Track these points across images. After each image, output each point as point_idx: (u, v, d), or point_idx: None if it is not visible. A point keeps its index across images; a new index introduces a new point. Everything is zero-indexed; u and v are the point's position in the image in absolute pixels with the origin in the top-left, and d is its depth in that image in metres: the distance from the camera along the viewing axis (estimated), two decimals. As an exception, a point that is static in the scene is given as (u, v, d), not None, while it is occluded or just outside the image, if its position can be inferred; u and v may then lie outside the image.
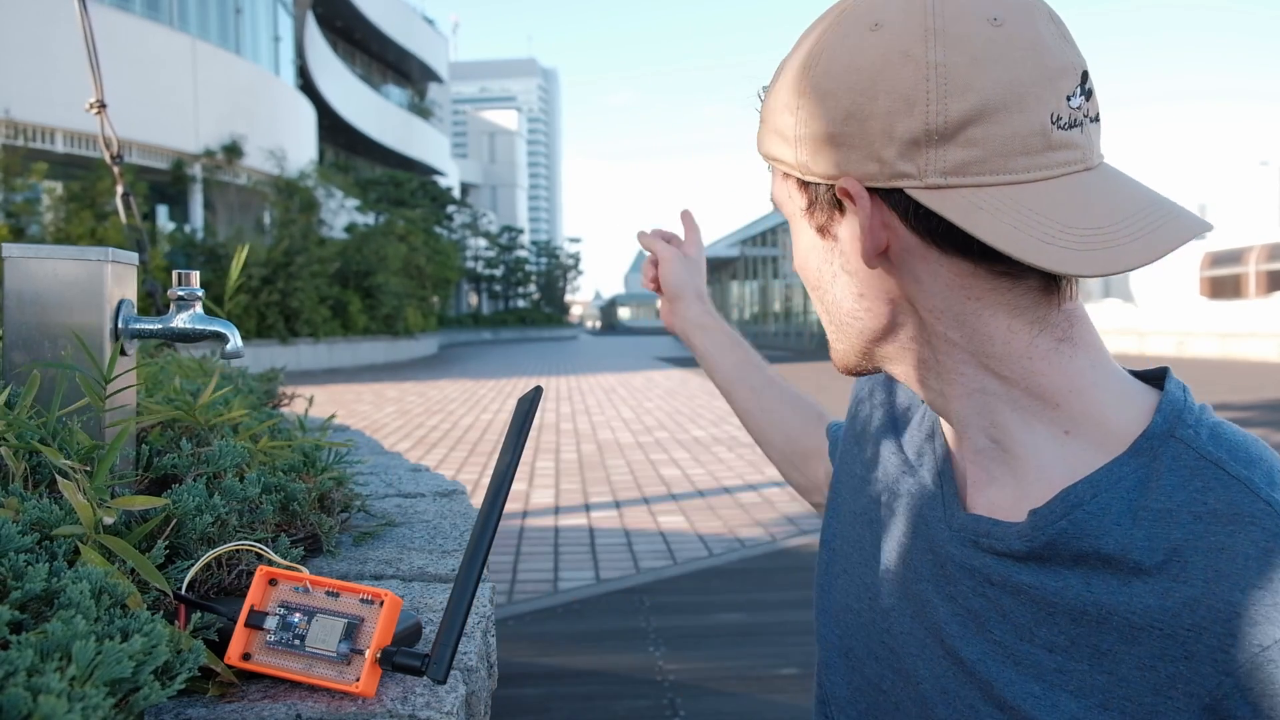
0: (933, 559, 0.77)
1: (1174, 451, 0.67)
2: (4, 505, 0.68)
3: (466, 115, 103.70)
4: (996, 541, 0.72)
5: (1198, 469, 0.66)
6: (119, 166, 2.25)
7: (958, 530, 0.76)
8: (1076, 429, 0.72)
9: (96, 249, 0.88)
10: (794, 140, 0.72)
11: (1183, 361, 19.39)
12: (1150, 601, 0.64)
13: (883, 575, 0.83)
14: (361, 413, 11.13)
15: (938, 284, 0.71)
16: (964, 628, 0.73)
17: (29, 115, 16.19)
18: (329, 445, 1.15)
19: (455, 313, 47.01)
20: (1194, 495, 0.65)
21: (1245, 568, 0.61)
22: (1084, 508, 0.68)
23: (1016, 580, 0.71)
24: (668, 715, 2.86)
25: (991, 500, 0.75)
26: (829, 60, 0.70)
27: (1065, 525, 0.68)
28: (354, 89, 35.49)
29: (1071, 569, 0.68)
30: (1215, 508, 0.64)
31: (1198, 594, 0.62)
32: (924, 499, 0.81)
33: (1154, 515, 0.65)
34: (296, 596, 0.62)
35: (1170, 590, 0.63)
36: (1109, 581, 0.66)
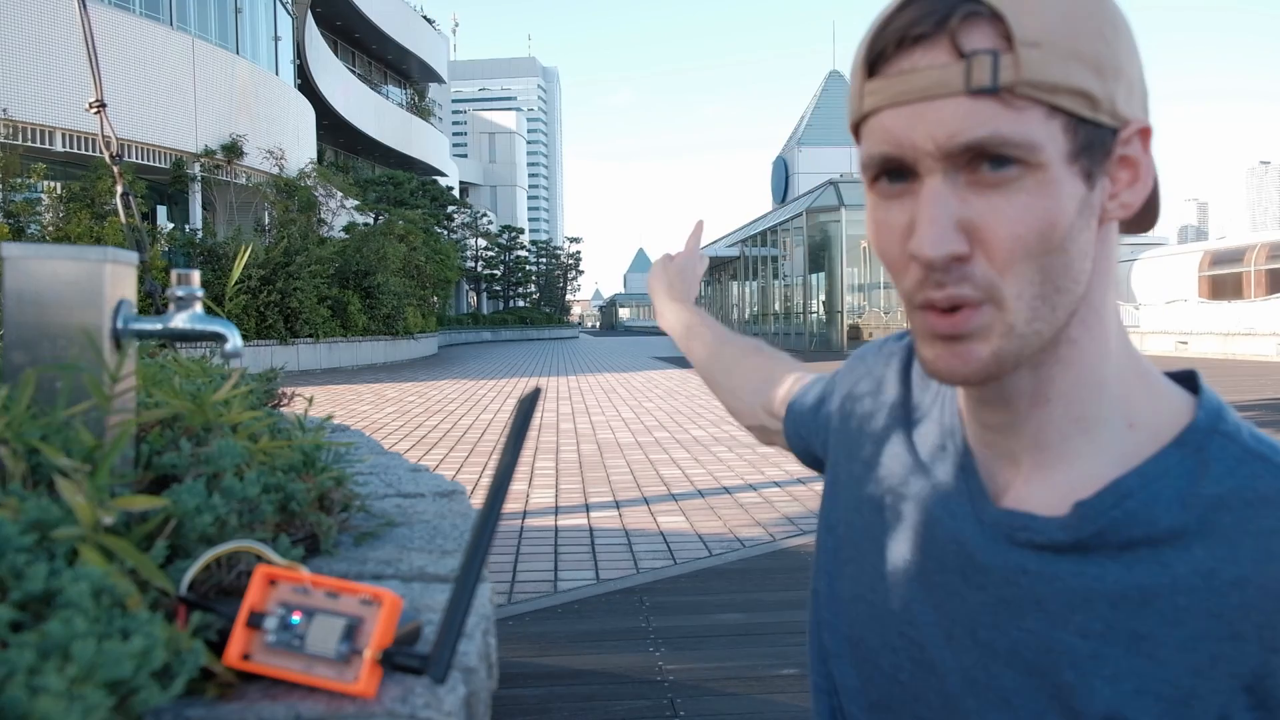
0: (958, 550, 0.76)
1: (1220, 444, 0.68)
2: (3, 505, 0.68)
3: (466, 115, 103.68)
4: (1036, 535, 0.72)
5: (1244, 459, 0.67)
6: (118, 166, 2.24)
7: (990, 525, 0.74)
8: (1140, 422, 0.72)
9: (96, 249, 0.87)
10: (1110, 72, 0.64)
11: (1183, 361, 19.39)
12: (1196, 581, 0.65)
13: (900, 567, 0.81)
14: (361, 413, 11.13)
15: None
16: (996, 617, 0.73)
17: (29, 115, 16.18)
18: (328, 445, 1.15)
19: (455, 313, 46.99)
20: (1244, 482, 0.66)
21: None
22: (1134, 498, 0.68)
23: (1054, 570, 0.70)
24: (668, 715, 2.86)
25: (1022, 496, 0.74)
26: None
27: (1117, 515, 0.68)
28: (354, 89, 35.48)
29: (1115, 557, 0.68)
30: (1266, 494, 0.65)
31: (1247, 573, 0.64)
32: (945, 495, 0.79)
33: (1205, 501, 0.66)
34: (296, 597, 0.62)
35: (1217, 570, 0.64)
36: (1152, 565, 0.67)
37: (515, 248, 60.93)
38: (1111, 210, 0.68)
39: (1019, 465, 0.75)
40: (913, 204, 0.66)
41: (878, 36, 0.66)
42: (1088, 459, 0.72)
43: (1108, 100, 0.64)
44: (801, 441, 1.05)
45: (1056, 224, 0.64)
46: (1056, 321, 0.67)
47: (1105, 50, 0.64)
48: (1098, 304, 0.71)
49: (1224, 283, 25.00)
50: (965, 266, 0.65)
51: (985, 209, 0.63)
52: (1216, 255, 25.75)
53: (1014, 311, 0.65)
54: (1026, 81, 0.61)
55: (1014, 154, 0.62)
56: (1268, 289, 22.77)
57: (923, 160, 0.64)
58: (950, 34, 0.62)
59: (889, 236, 0.69)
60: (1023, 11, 0.61)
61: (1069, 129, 0.63)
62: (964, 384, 0.71)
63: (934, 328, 0.68)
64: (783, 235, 33.39)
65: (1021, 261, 0.64)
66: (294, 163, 22.71)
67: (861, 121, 0.69)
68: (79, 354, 0.86)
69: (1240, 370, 16.54)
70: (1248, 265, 24.11)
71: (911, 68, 0.64)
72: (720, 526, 5.31)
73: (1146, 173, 0.69)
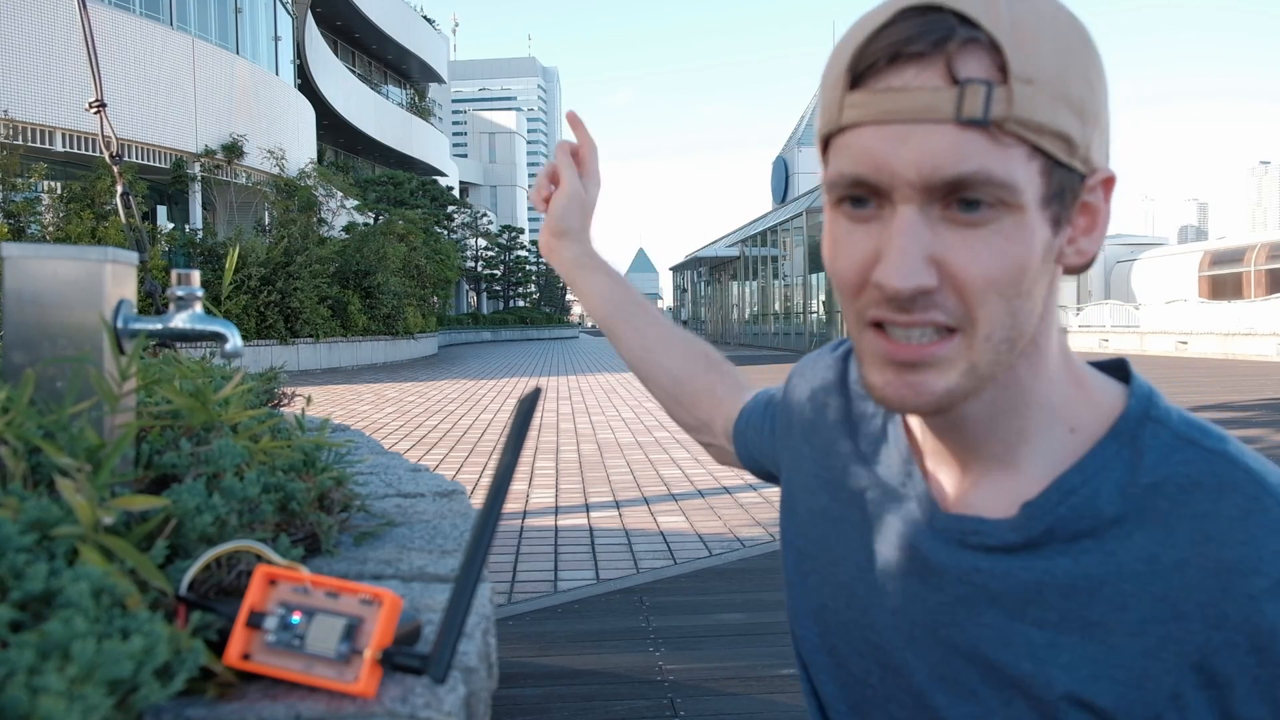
0: (913, 555, 0.77)
1: (1152, 432, 0.70)
2: (3, 505, 0.68)
3: (466, 115, 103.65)
4: (987, 537, 0.73)
5: (1176, 445, 0.69)
6: (118, 166, 2.24)
7: (940, 530, 0.76)
8: (1079, 425, 0.73)
9: (96, 249, 0.87)
10: (1091, 117, 0.63)
11: (1183, 361, 19.39)
12: (1140, 567, 0.67)
13: (858, 575, 0.82)
14: (361, 413, 11.13)
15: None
16: (954, 615, 0.75)
17: (29, 115, 16.18)
18: (328, 445, 1.15)
19: (455, 313, 46.97)
20: (1177, 468, 0.68)
21: (1231, 528, 0.65)
22: (1078, 493, 0.70)
23: (1006, 567, 0.72)
24: (668, 715, 2.85)
25: (970, 501, 0.76)
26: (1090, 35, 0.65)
27: (1063, 511, 0.70)
28: (354, 89, 35.48)
29: (1063, 550, 0.70)
30: (1198, 479, 0.67)
31: (1186, 556, 0.65)
32: (895, 503, 0.80)
33: (1142, 490, 0.68)
34: (296, 596, 0.62)
35: (1159, 555, 0.66)
36: (1098, 554, 0.68)
37: (515, 248, 60.89)
38: (1068, 256, 0.68)
39: (966, 471, 0.76)
40: (880, 231, 0.64)
41: (866, 47, 0.63)
42: (1030, 464, 0.73)
43: (1084, 146, 0.63)
44: (755, 461, 1.05)
45: (1027, 268, 0.63)
46: (1011, 360, 0.67)
47: (1089, 95, 0.63)
48: (1041, 341, 0.71)
49: (1224, 283, 24.99)
50: (932, 297, 0.63)
51: (958, 245, 0.62)
52: (1216, 255, 25.74)
53: (981, 351, 0.65)
54: (1016, 118, 0.60)
55: (995, 194, 0.61)
56: (1268, 289, 22.77)
57: (900, 188, 0.62)
58: (947, 57, 0.60)
59: (849, 259, 0.67)
60: (1020, 45, 0.60)
61: (1046, 172, 0.62)
62: (913, 413, 0.70)
63: (891, 354, 0.66)
64: (783, 235, 33.40)
65: (992, 303, 0.63)
66: (294, 163, 22.70)
67: (835, 134, 0.66)
68: (87, 352, 0.86)
69: (1240, 370, 16.54)
70: (1248, 265, 24.10)
71: (902, 86, 0.61)
72: (720, 526, 5.31)
73: (1104, 221, 0.69)
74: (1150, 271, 28.33)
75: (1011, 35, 0.60)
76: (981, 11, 0.60)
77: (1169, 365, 18.06)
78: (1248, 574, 0.63)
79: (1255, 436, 8.06)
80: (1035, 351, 0.72)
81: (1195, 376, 15.13)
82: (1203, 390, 12.78)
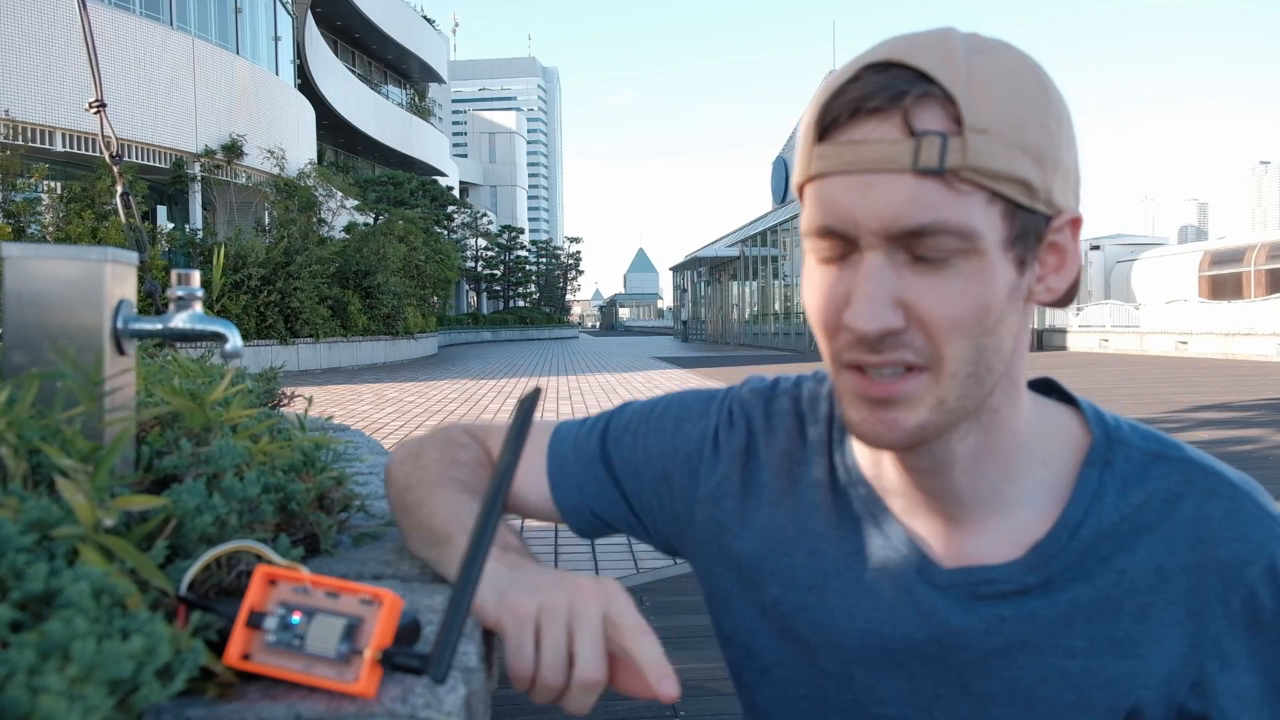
0: (924, 620, 0.77)
1: (1123, 454, 0.76)
2: (3, 505, 0.68)
3: (466, 115, 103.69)
4: (1002, 584, 0.75)
5: (1148, 462, 0.75)
6: (118, 166, 2.24)
7: (946, 588, 0.76)
8: (1049, 458, 0.77)
9: (96, 249, 0.87)
10: (1050, 162, 0.66)
11: (1183, 361, 19.39)
12: (1150, 579, 0.72)
13: (852, 654, 0.80)
14: (361, 413, 11.13)
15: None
16: (986, 668, 0.76)
17: (29, 115, 16.18)
18: (329, 445, 1.15)
19: (455, 313, 46.97)
20: (1157, 483, 0.74)
21: (1220, 530, 0.72)
22: (1086, 525, 0.74)
23: (1031, 609, 0.74)
24: (668, 715, 2.86)
25: (967, 553, 0.77)
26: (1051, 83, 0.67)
27: (1076, 545, 0.74)
28: (354, 89, 35.47)
29: (1079, 579, 0.74)
30: (1179, 490, 0.74)
31: (1188, 561, 0.72)
32: (884, 572, 0.78)
33: (1133, 508, 0.74)
34: (296, 597, 0.62)
35: (1165, 564, 0.72)
36: (1111, 575, 0.73)
37: (515, 248, 60.92)
38: (1038, 293, 0.71)
39: (956, 522, 0.77)
40: (850, 274, 0.67)
41: (831, 103, 0.66)
42: (1020, 503, 0.76)
43: (1045, 190, 0.66)
44: (599, 517, 0.93)
45: (990, 308, 0.66)
46: (982, 396, 0.70)
47: (1047, 141, 0.65)
48: (1016, 376, 0.74)
49: (1224, 283, 25.00)
50: (901, 337, 0.66)
51: (923, 288, 0.65)
52: (1216, 255, 25.75)
53: (948, 387, 0.67)
54: (971, 167, 0.62)
55: (953, 242, 0.63)
56: (1268, 289, 22.77)
57: (865, 236, 0.65)
58: (903, 111, 0.63)
59: (824, 300, 0.69)
60: (975, 97, 0.62)
61: (1007, 215, 0.65)
62: (889, 449, 0.72)
63: (865, 391, 0.69)
64: (782, 235, 33.38)
65: (958, 340, 0.66)
66: (294, 163, 22.69)
67: (806, 183, 0.69)
68: (72, 357, 0.86)
69: (1240, 370, 16.55)
70: (1248, 265, 24.11)
71: (862, 139, 0.64)
72: (720, 526, 5.31)
73: (1073, 260, 0.71)
74: (1150, 271, 28.33)
75: (966, 88, 0.62)
76: (938, 66, 0.62)
77: (1169, 365, 18.07)
78: (1243, 566, 0.71)
79: (1255, 436, 8.07)
80: (1014, 389, 0.74)
81: (1195, 376, 15.13)
82: (1203, 390, 12.78)
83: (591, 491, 0.92)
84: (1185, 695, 0.73)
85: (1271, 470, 6.50)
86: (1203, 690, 0.72)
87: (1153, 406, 10.53)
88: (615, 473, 0.92)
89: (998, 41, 0.67)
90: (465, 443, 0.97)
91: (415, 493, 0.90)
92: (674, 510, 0.90)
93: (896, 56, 0.64)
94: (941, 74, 0.62)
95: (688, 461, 0.89)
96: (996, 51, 0.65)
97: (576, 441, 0.94)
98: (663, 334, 56.32)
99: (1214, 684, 0.72)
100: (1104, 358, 20.92)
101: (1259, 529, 0.72)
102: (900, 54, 0.64)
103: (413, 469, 0.93)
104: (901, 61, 0.63)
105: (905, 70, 0.63)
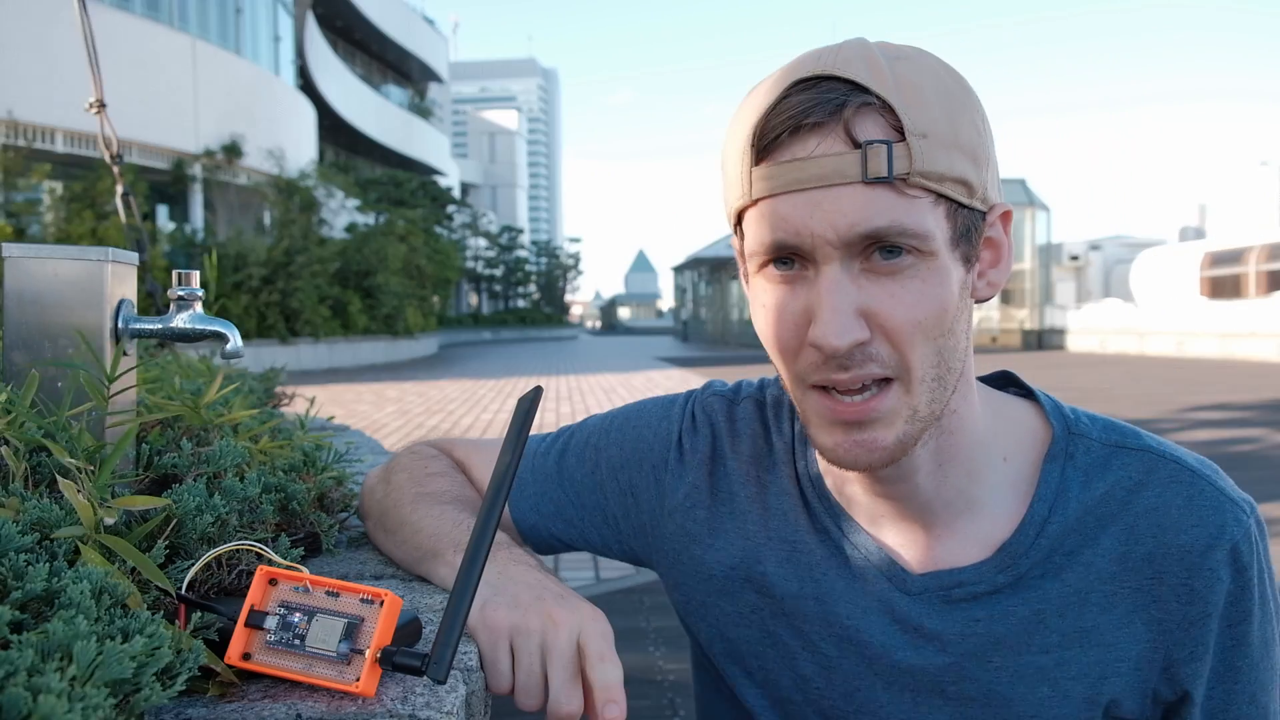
0: (896, 627, 0.78)
1: (1083, 447, 0.77)
2: (4, 505, 0.68)
3: (466, 115, 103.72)
4: (973, 586, 0.76)
5: (1108, 455, 0.76)
6: (119, 166, 2.24)
7: (919, 594, 0.77)
8: (1009, 453, 0.78)
9: (97, 249, 0.88)
10: (983, 159, 0.67)
11: (1183, 361, 19.39)
12: (1114, 568, 0.74)
13: (831, 664, 0.80)
14: (361, 413, 11.13)
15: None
16: (962, 671, 0.77)
17: (29, 115, 16.18)
18: (329, 444, 1.15)
19: (455, 313, 46.99)
20: (1120, 475, 0.75)
21: (1181, 516, 0.73)
22: (1051, 522, 0.75)
23: (1003, 609, 0.75)
24: (668, 715, 2.86)
25: (938, 556, 0.77)
26: (967, 81, 0.69)
27: (1044, 543, 0.75)
28: (354, 89, 35.47)
29: (1048, 575, 0.75)
30: (1140, 479, 0.75)
31: (1151, 549, 0.73)
32: (857, 581, 0.79)
33: (1096, 499, 0.75)
34: (296, 596, 0.62)
35: (1128, 553, 0.74)
36: (1078, 569, 0.74)
37: (515, 248, 60.92)
38: (980, 289, 0.72)
39: (924, 527, 0.77)
40: (807, 291, 0.67)
41: (766, 122, 0.65)
42: (986, 502, 0.77)
43: (981, 187, 0.67)
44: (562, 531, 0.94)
45: (947, 308, 0.67)
46: (946, 399, 0.70)
47: (978, 139, 0.67)
48: (970, 374, 0.75)
49: (1224, 283, 24.99)
50: (867, 349, 0.66)
51: (882, 295, 0.65)
52: (1216, 255, 25.74)
53: (919, 394, 0.68)
54: (918, 171, 0.63)
55: (909, 243, 0.64)
56: (1267, 289, 22.77)
57: (821, 248, 0.65)
58: (845, 123, 0.63)
59: (783, 322, 0.69)
60: (910, 104, 0.63)
61: (950, 215, 0.66)
62: (868, 470, 0.71)
63: (837, 414, 0.68)
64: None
65: (921, 345, 0.66)
66: (294, 163, 22.69)
67: (747, 208, 0.69)
68: (82, 354, 0.86)
69: (1240, 370, 16.55)
70: (1247, 265, 24.10)
71: (807, 155, 0.64)
72: (720, 527, 5.31)
73: (1008, 253, 0.73)
74: (1150, 272, 28.32)
75: (900, 95, 0.63)
76: (868, 76, 0.63)
77: (1169, 365, 18.06)
78: (1205, 551, 0.72)
79: (1255, 436, 8.07)
80: (968, 388, 0.75)
81: (1195, 376, 15.13)
82: (1203, 390, 12.78)
83: (548, 511, 0.93)
84: (1158, 681, 0.74)
85: (1272, 470, 6.50)
86: (1173, 675, 0.74)
87: (1152, 407, 10.52)
88: (575, 490, 0.92)
89: (909, 47, 0.68)
90: (432, 455, 0.98)
91: (394, 515, 0.90)
92: (641, 522, 0.90)
93: (824, 70, 0.64)
94: (874, 83, 0.63)
95: (653, 472, 0.89)
96: (913, 57, 0.66)
97: (534, 461, 0.94)
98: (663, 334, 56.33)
99: (1183, 670, 0.73)
100: (1103, 358, 20.91)
101: (1219, 513, 0.73)
102: (827, 67, 0.64)
103: (385, 493, 0.94)
104: (831, 74, 0.64)
105: (837, 82, 0.64)
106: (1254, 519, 0.74)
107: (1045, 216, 27.27)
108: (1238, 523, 0.73)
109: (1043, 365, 17.79)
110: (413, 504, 0.88)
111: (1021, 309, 27.70)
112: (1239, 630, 0.73)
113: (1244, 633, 0.73)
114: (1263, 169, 34.22)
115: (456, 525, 0.83)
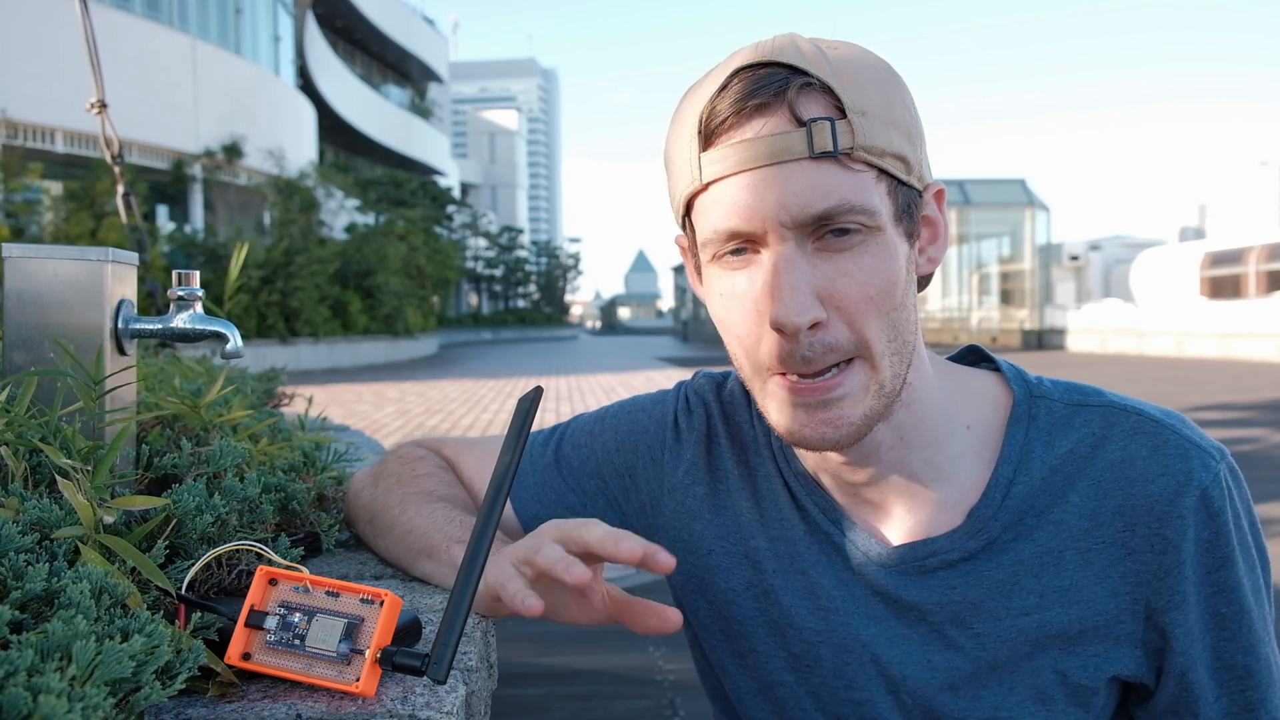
0: (879, 600, 0.79)
1: (1045, 408, 0.78)
2: (4, 505, 0.68)
3: (466, 115, 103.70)
4: (945, 554, 0.77)
5: (1070, 414, 0.77)
6: (119, 166, 2.24)
7: (894, 566, 0.78)
8: (973, 421, 0.79)
9: (96, 249, 0.88)
10: (917, 138, 0.71)
11: (1183, 361, 19.39)
12: (1086, 524, 0.74)
13: (819, 640, 0.81)
14: (361, 413, 11.13)
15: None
16: (945, 639, 0.77)
17: (29, 115, 16.17)
18: (329, 444, 1.15)
19: (455, 313, 46.98)
20: (1082, 432, 0.76)
21: (1147, 467, 0.74)
22: (1017, 484, 0.76)
23: (978, 574, 0.76)
24: (668, 715, 2.86)
25: (910, 528, 0.79)
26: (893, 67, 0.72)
27: (1012, 504, 0.75)
28: (354, 89, 35.46)
29: (1021, 537, 0.75)
30: (1102, 433, 0.76)
31: (1120, 501, 0.74)
32: (832, 556, 0.81)
33: (1061, 458, 0.75)
34: (296, 596, 0.62)
35: (1098, 508, 0.74)
36: (1049, 528, 0.75)
37: (515, 248, 60.91)
38: (921, 265, 0.74)
39: (896, 501, 0.79)
40: (760, 273, 0.68)
41: (712, 108, 0.67)
42: (952, 470, 0.78)
43: (918, 164, 0.70)
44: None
45: (896, 282, 0.69)
46: (903, 372, 0.72)
47: (910, 119, 0.70)
48: (920, 347, 0.76)
49: (1224, 283, 24.99)
50: (824, 331, 0.67)
51: (835, 273, 0.67)
52: (1216, 255, 25.74)
53: (884, 369, 0.70)
54: (861, 146, 0.66)
55: (858, 219, 0.66)
56: (1267, 289, 22.77)
57: (774, 230, 0.66)
58: (789, 103, 0.66)
59: (741, 308, 0.70)
60: (847, 85, 0.66)
61: (891, 191, 0.69)
62: (834, 449, 0.72)
63: (800, 394, 0.69)
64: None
65: (875, 319, 0.68)
66: (294, 163, 22.69)
67: (697, 195, 0.70)
68: (73, 354, 0.86)
69: (1240, 370, 16.55)
70: (1247, 265, 24.11)
71: (754, 135, 0.66)
72: (720, 527, 5.30)
73: (945, 230, 0.75)
74: (1150, 272, 28.32)
75: (837, 77, 0.66)
76: (806, 61, 0.66)
77: (1169, 365, 18.06)
78: (1174, 499, 0.72)
79: (1255, 436, 8.06)
80: (920, 361, 0.76)
81: (1195, 376, 15.13)
82: (1202, 390, 12.78)
83: (550, 500, 0.94)
84: (1144, 633, 0.74)
85: (1271, 470, 6.50)
86: (1158, 625, 0.74)
87: (1153, 407, 10.49)
88: (575, 477, 0.94)
89: (837, 40, 0.71)
90: (420, 454, 0.98)
91: (385, 516, 0.90)
92: (641, 503, 0.92)
93: (763, 58, 0.67)
94: (812, 67, 0.66)
95: (649, 452, 0.91)
96: (843, 46, 0.70)
97: (531, 453, 0.96)
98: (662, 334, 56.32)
99: (1165, 619, 0.73)
100: (1103, 358, 20.91)
101: (1185, 460, 0.73)
102: (765, 55, 0.67)
103: (373, 496, 0.94)
104: (772, 60, 0.67)
105: (778, 67, 0.66)
106: (1225, 465, 0.74)
107: (1045, 216, 27.24)
108: (1205, 468, 0.73)
109: (1043, 365, 17.77)
110: (401, 505, 0.88)
111: (1021, 309, 27.69)
112: (1219, 577, 0.73)
113: (1225, 580, 0.73)
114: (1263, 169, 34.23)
115: (448, 521, 0.84)
